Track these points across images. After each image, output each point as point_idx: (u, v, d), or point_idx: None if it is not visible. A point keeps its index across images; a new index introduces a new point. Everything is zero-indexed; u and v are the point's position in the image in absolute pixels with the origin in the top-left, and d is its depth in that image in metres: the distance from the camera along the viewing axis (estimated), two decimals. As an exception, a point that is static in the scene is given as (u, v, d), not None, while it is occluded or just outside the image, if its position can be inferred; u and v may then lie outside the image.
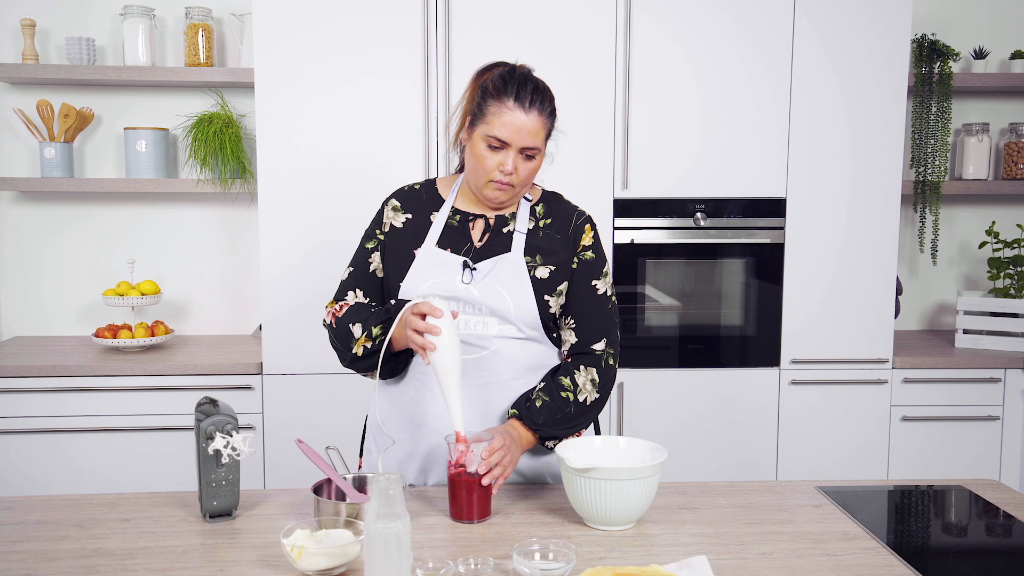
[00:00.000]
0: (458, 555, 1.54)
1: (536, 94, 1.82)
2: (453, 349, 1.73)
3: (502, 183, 1.84)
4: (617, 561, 1.53)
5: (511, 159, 1.82)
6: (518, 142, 1.81)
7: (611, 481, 1.61)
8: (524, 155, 1.83)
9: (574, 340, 1.93)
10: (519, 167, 1.83)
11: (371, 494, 1.35)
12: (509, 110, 1.80)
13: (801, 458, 3.26)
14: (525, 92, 1.81)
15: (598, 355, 1.92)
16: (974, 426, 3.32)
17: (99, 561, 1.52)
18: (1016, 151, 3.66)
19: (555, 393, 1.87)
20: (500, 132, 1.80)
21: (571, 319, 1.93)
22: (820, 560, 1.54)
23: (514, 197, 1.91)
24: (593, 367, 1.91)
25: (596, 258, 1.94)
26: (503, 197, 1.88)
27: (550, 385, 1.89)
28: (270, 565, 1.51)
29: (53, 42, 3.48)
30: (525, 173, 1.85)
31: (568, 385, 1.89)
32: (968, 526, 1.79)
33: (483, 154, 1.83)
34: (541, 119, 1.82)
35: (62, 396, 3.04)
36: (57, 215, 3.55)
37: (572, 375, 1.90)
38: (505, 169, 1.82)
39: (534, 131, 1.81)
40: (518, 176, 1.84)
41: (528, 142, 1.81)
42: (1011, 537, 1.70)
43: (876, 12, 3.13)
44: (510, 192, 1.87)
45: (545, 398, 1.87)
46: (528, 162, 1.84)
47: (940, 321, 3.88)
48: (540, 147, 1.84)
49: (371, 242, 1.99)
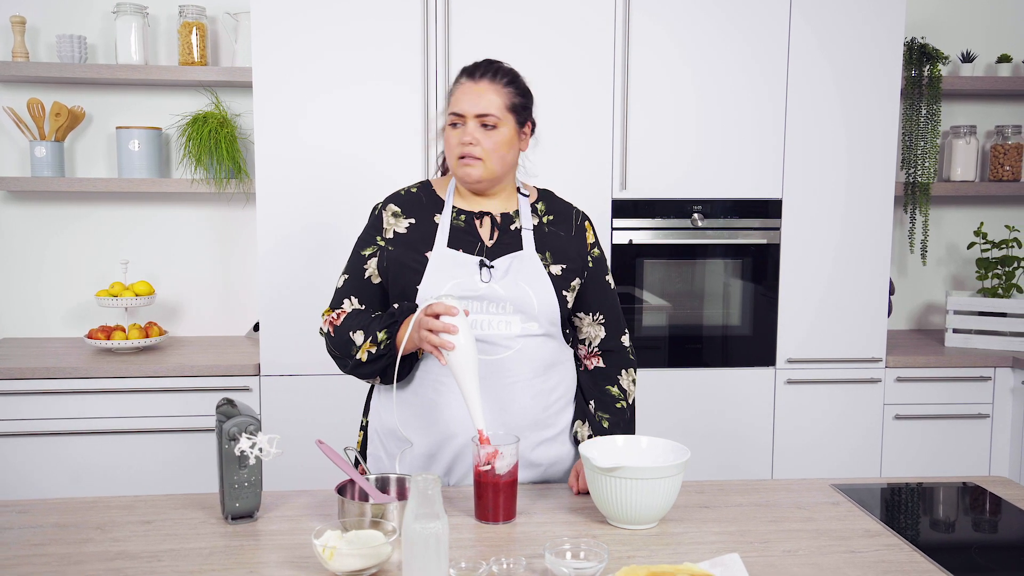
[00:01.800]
0: (487, 555, 1.54)
1: (489, 67, 1.90)
2: (471, 347, 1.73)
3: (467, 156, 1.88)
4: (646, 560, 1.54)
5: (469, 129, 1.87)
6: (471, 110, 1.86)
7: (637, 480, 1.62)
8: (481, 124, 1.86)
9: (603, 335, 2.00)
10: (479, 138, 1.86)
11: (410, 494, 1.35)
12: (461, 85, 1.90)
13: (796, 456, 3.29)
14: (477, 68, 1.90)
15: (626, 350, 2.03)
16: (965, 424, 3.37)
17: (125, 564, 1.51)
18: (1002, 153, 3.72)
19: (612, 407, 1.98)
20: (455, 107, 1.89)
21: (600, 315, 1.98)
22: (845, 557, 1.56)
23: (490, 177, 1.90)
24: (629, 367, 2.01)
25: (601, 254, 2.02)
26: (474, 173, 1.89)
27: (603, 401, 1.98)
28: (299, 566, 1.50)
29: (43, 40, 3.44)
30: (489, 144, 1.87)
31: (618, 394, 1.99)
32: (984, 522, 1.81)
33: (449, 135, 1.91)
34: (493, 86, 1.87)
35: (57, 398, 3.00)
36: (48, 215, 3.50)
37: (617, 382, 1.99)
38: (464, 140, 1.87)
39: (486, 98, 1.86)
40: (481, 148, 1.86)
41: (481, 108, 1.86)
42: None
43: (871, 15, 3.17)
44: (480, 167, 1.88)
45: (607, 415, 1.97)
46: (490, 132, 1.87)
47: (928, 320, 3.94)
48: (496, 114, 1.86)
49: (368, 249, 1.97)
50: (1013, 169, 3.71)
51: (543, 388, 1.91)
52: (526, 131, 1.94)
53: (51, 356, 3.17)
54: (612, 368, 2.00)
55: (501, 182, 1.95)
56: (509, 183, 1.98)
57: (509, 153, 1.90)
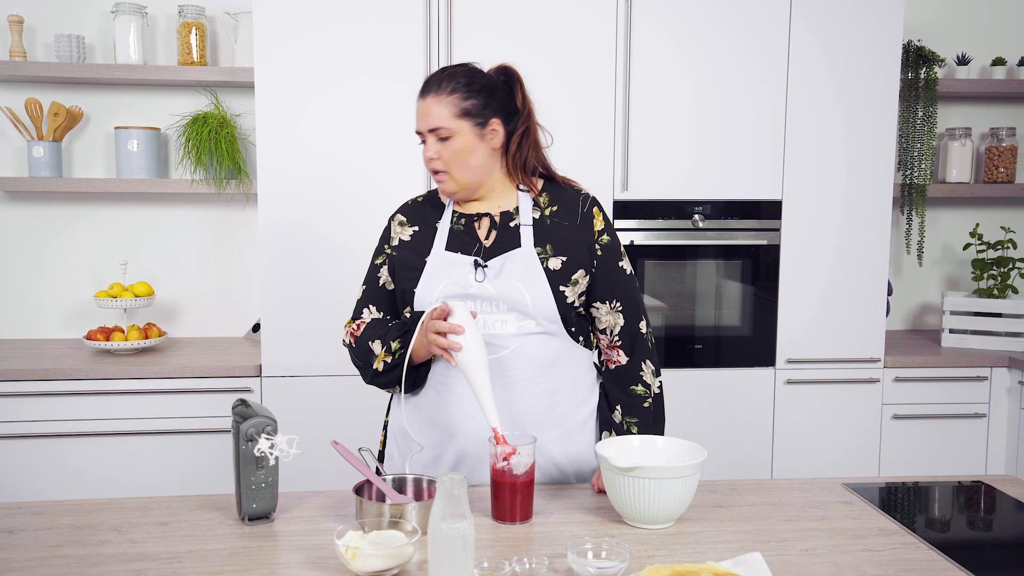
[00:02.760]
0: (507, 555, 1.54)
1: (432, 81, 1.89)
2: (479, 346, 1.74)
3: (434, 171, 1.90)
4: (666, 559, 1.55)
5: (429, 145, 1.88)
6: (424, 126, 1.88)
7: (656, 480, 1.63)
8: (437, 138, 1.87)
9: (623, 322, 1.96)
10: (439, 152, 1.87)
11: (436, 495, 1.35)
12: (417, 104, 1.90)
13: (795, 456, 3.31)
14: (425, 85, 1.90)
15: (644, 337, 1.99)
16: (962, 423, 3.40)
17: (145, 565, 1.50)
18: (997, 155, 3.75)
19: (640, 409, 1.96)
20: (416, 127, 1.91)
21: (617, 302, 1.95)
22: (863, 556, 1.57)
23: (464, 186, 1.91)
24: (647, 358, 1.98)
25: (613, 240, 1.97)
26: (447, 187, 1.91)
27: (630, 405, 1.96)
28: (320, 567, 1.50)
29: (41, 39, 3.42)
30: (448, 155, 1.87)
31: (643, 392, 1.97)
32: (995, 520, 1.83)
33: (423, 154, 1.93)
34: (437, 98, 1.86)
35: (56, 400, 2.99)
36: (46, 215, 3.48)
37: (640, 379, 1.97)
38: (426, 156, 1.89)
39: (433, 112, 1.86)
40: (442, 161, 1.87)
41: (431, 123, 1.86)
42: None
43: (870, 18, 3.19)
44: (449, 181, 1.90)
45: (634, 420, 1.96)
46: (445, 143, 1.86)
47: (923, 321, 3.97)
48: (446, 125, 1.85)
49: (379, 257, 2.02)
50: (1007, 171, 3.75)
51: (546, 387, 1.91)
52: (493, 128, 1.89)
53: (49, 358, 3.16)
54: (634, 363, 1.97)
55: (484, 185, 1.93)
56: (497, 182, 1.95)
57: (473, 158, 1.88)
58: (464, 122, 1.86)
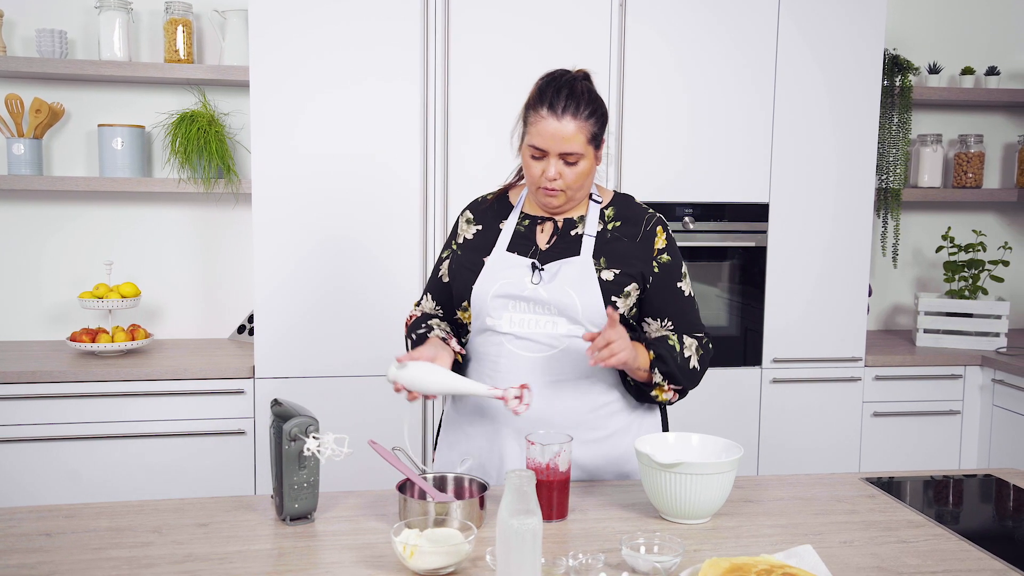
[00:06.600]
0: (554, 552, 1.56)
1: (570, 100, 1.84)
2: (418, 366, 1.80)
3: (548, 189, 1.89)
4: (712, 552, 1.58)
5: (552, 166, 1.86)
6: (554, 149, 1.84)
7: (697, 476, 1.66)
8: (564, 161, 1.86)
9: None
10: (563, 172, 1.86)
11: (505, 491, 1.37)
12: (543, 119, 1.84)
13: (780, 453, 3.38)
14: (558, 100, 1.84)
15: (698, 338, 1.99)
16: (937, 420, 3.50)
17: (196, 566, 1.49)
18: (965, 161, 3.87)
19: (663, 342, 1.90)
20: (537, 141, 1.85)
21: (668, 321, 1.96)
22: (900, 547, 1.62)
23: (570, 201, 1.93)
24: (695, 341, 1.96)
25: (673, 260, 1.97)
26: (555, 202, 1.92)
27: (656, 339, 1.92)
28: (374, 565, 1.51)
29: (20, 33, 3.34)
30: (571, 178, 1.87)
31: (674, 341, 1.92)
32: (1015, 511, 1.90)
33: (529, 163, 1.89)
34: (576, 123, 1.83)
35: (42, 403, 2.92)
36: (26, 215, 3.40)
37: (679, 337, 1.94)
38: (548, 175, 1.86)
39: (568, 137, 1.83)
40: (563, 181, 1.87)
41: (564, 148, 1.84)
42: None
43: (853, 26, 3.28)
44: (562, 197, 1.91)
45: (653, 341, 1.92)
46: (571, 167, 1.87)
47: (895, 321, 4.08)
48: (579, 151, 1.85)
49: (446, 251, 2.10)
50: (975, 176, 3.87)
51: (591, 390, 1.94)
52: (601, 150, 1.92)
53: (33, 360, 3.08)
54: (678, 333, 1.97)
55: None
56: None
57: (588, 179, 1.92)
58: (591, 147, 1.88)
